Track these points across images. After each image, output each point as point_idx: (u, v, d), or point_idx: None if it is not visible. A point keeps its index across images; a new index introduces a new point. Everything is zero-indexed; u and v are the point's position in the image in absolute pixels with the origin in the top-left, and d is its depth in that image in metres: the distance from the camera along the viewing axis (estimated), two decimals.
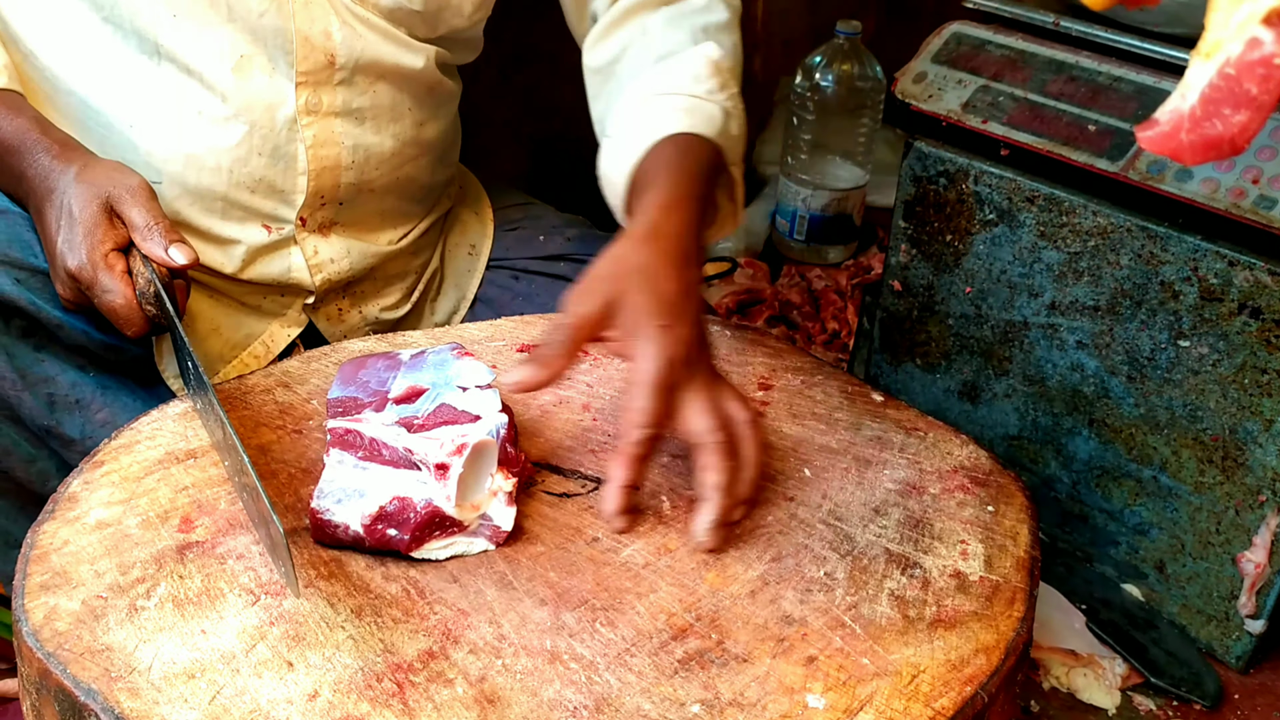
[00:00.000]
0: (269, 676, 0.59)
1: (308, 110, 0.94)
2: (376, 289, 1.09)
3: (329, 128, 0.96)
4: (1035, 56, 1.08)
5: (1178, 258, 0.98)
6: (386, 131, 1.00)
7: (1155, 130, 0.36)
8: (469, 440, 0.69)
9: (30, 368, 0.89)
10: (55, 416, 0.90)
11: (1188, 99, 0.35)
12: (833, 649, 0.64)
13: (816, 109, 1.71)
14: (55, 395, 0.90)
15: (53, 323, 0.88)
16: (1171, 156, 0.36)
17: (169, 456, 0.75)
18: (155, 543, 0.68)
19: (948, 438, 0.85)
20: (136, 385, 0.95)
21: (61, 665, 0.59)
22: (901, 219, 1.17)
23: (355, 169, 0.99)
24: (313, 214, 0.99)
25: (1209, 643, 1.07)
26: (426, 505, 0.67)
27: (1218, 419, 0.99)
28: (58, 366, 0.90)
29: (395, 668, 0.60)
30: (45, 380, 0.89)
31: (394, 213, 1.07)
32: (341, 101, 0.96)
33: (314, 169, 0.96)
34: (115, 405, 0.92)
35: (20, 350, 0.88)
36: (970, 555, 0.73)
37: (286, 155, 0.95)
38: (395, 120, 1.00)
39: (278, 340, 1.04)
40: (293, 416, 0.81)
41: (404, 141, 1.02)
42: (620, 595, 0.66)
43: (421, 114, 1.03)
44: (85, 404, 0.91)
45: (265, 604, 0.64)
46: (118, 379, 0.94)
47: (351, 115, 0.97)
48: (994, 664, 0.64)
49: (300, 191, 0.97)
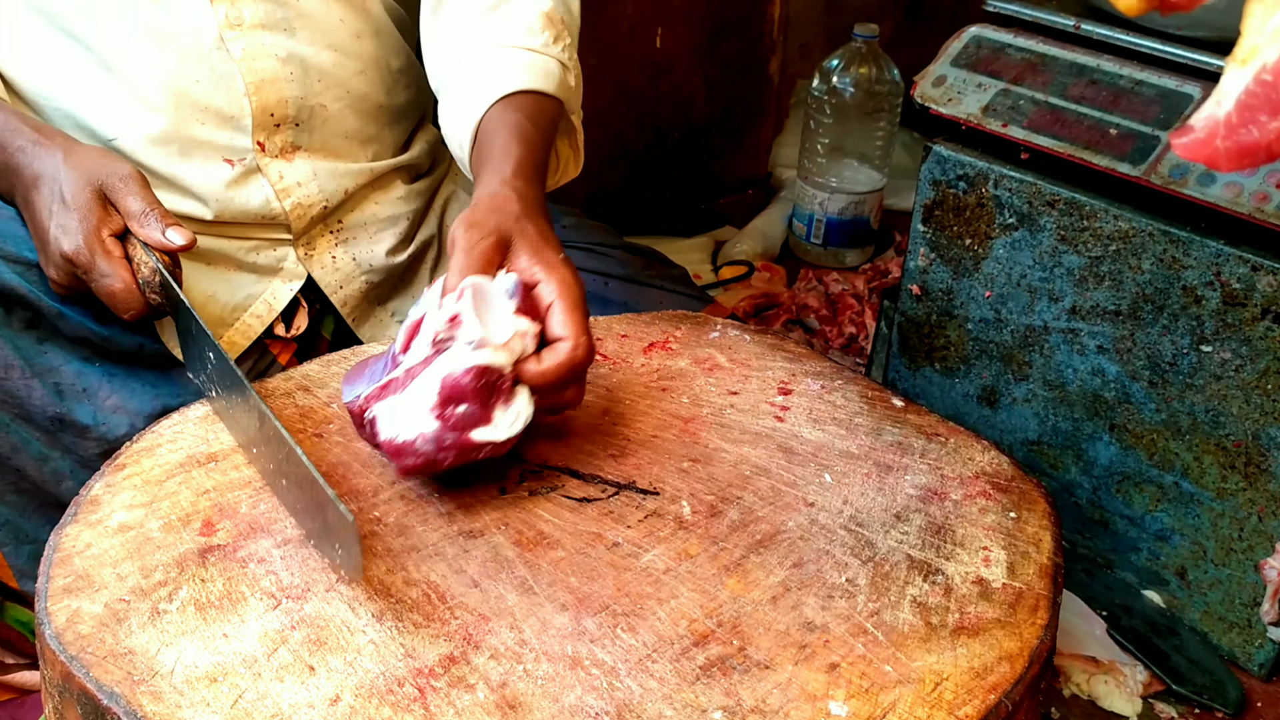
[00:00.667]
0: (290, 681, 0.59)
1: (230, 24, 0.96)
2: (367, 232, 1.09)
3: (257, 40, 0.97)
4: (1056, 60, 1.08)
5: (1200, 262, 0.97)
6: (321, 43, 1.01)
7: (1190, 137, 0.36)
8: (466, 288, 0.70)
9: (35, 359, 0.90)
10: (65, 405, 0.91)
11: (1223, 105, 0.35)
12: (855, 656, 0.63)
13: (834, 112, 1.71)
14: (62, 384, 0.91)
15: (53, 314, 0.90)
16: (1207, 164, 0.35)
17: (190, 460, 0.76)
18: (177, 546, 0.68)
19: (969, 443, 0.85)
20: (144, 370, 0.96)
21: (84, 668, 0.59)
22: (920, 223, 1.17)
23: (297, 83, 0.99)
24: (269, 138, 1.00)
25: (1231, 650, 1.06)
26: (467, 369, 0.68)
27: (1240, 424, 0.99)
28: (61, 357, 0.91)
29: (416, 672, 0.60)
30: (50, 370, 0.91)
31: (358, 135, 1.07)
32: (264, 13, 0.97)
33: (251, 83, 0.97)
34: (124, 391, 0.93)
35: (24, 342, 0.90)
36: (993, 562, 0.72)
37: (224, 76, 0.96)
38: (327, 32, 1.01)
39: (279, 296, 1.04)
40: (313, 420, 0.81)
41: (344, 54, 1.02)
42: (641, 601, 0.66)
43: (356, 24, 1.03)
44: (93, 392, 0.92)
45: (286, 608, 0.64)
46: (123, 367, 0.95)
47: (278, 27, 0.98)
48: (1018, 672, 0.63)
49: (247, 114, 0.98)
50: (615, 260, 1.17)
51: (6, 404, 0.89)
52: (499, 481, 0.76)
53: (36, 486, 0.90)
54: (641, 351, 0.94)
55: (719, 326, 0.99)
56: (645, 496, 0.76)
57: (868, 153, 1.75)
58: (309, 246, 1.04)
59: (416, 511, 0.72)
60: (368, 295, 1.09)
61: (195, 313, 0.82)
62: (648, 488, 0.77)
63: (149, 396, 0.95)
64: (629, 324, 0.99)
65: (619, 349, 0.95)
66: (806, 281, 1.72)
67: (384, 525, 0.71)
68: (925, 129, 1.15)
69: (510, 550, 0.70)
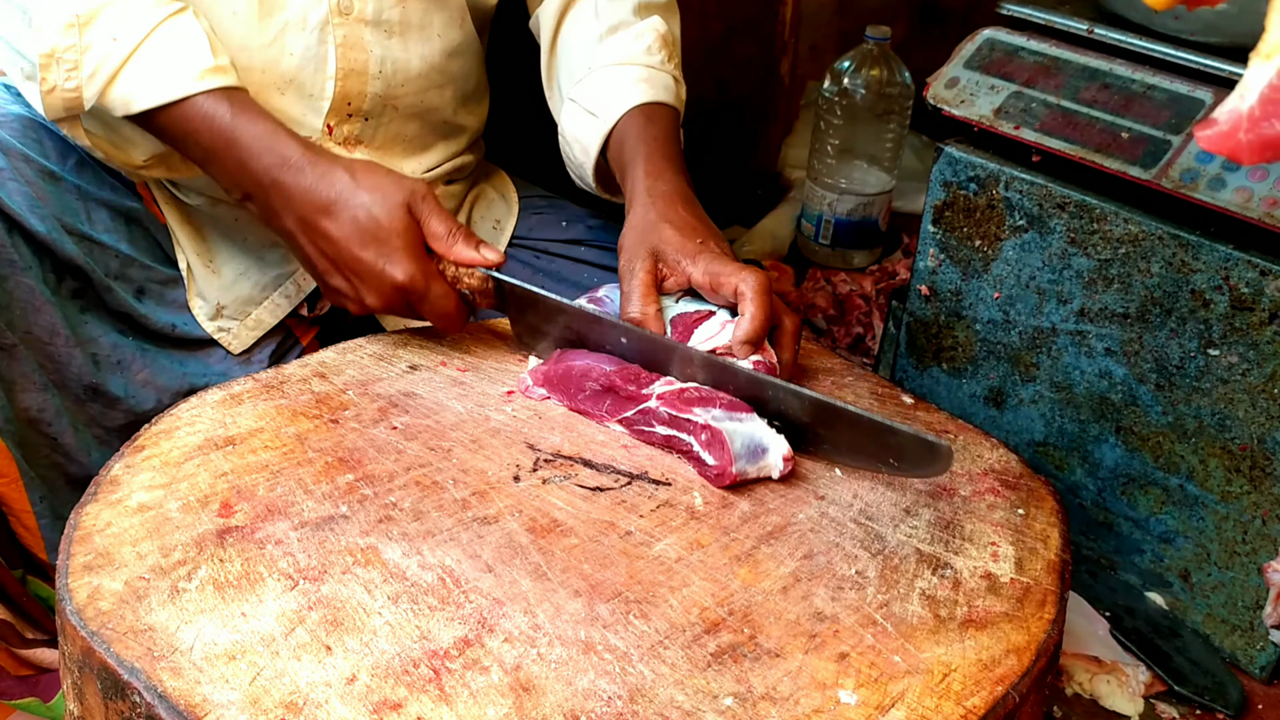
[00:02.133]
0: (308, 660, 0.60)
1: (340, 11, 0.97)
2: None
3: (358, 33, 0.99)
4: (1069, 63, 1.09)
5: (1209, 266, 0.98)
6: (414, 51, 1.03)
7: (1214, 130, 0.37)
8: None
9: (78, 327, 0.93)
10: (100, 375, 0.93)
11: (1246, 99, 0.36)
12: (864, 646, 0.64)
13: (845, 114, 1.72)
14: (99, 355, 0.94)
15: (101, 286, 0.92)
16: (1229, 156, 0.36)
17: (208, 443, 0.76)
18: (195, 526, 0.69)
19: (978, 441, 0.85)
20: (174, 350, 0.98)
21: (105, 644, 0.60)
22: (931, 224, 1.17)
23: (382, 80, 1.01)
24: (339, 124, 1.02)
25: (1233, 652, 1.07)
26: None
27: (1246, 428, 0.99)
28: (100, 328, 0.94)
29: (431, 654, 0.61)
30: (90, 340, 0.94)
31: (417, 140, 1.09)
32: (373, 10, 0.99)
33: (341, 69, 0.99)
34: (154, 367, 0.96)
35: (70, 310, 0.93)
36: (1001, 557, 0.73)
37: (316, 57, 0.98)
38: (424, 42, 1.04)
39: (307, 279, 1.06)
40: (329, 406, 0.82)
41: (430, 65, 1.05)
42: (653, 588, 0.67)
43: (449, 42, 1.06)
44: (126, 364, 0.95)
45: (303, 589, 0.65)
46: (155, 343, 0.97)
47: (381, 26, 1.00)
48: (1025, 665, 0.64)
49: (326, 97, 0.99)
50: None
51: (47, 369, 0.91)
52: (513, 470, 0.77)
53: (68, 458, 0.92)
54: None
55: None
56: (657, 487, 0.77)
57: (877, 155, 1.75)
58: None
59: (432, 497, 0.73)
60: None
61: (538, 289, 0.88)
62: (660, 478, 0.77)
63: (177, 374, 0.97)
64: None
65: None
66: (814, 282, 1.72)
67: (400, 510, 0.72)
68: (935, 132, 1.16)
69: (524, 537, 0.70)
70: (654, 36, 1.07)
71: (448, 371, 0.89)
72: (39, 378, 0.91)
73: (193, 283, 1.01)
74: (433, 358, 0.91)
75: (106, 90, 0.85)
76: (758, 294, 0.84)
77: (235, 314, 1.03)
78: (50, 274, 0.93)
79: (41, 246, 0.92)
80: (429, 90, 1.06)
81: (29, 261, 0.91)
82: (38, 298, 0.91)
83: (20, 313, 0.90)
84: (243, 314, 1.03)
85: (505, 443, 0.80)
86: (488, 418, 0.83)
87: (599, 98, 1.03)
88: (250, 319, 1.03)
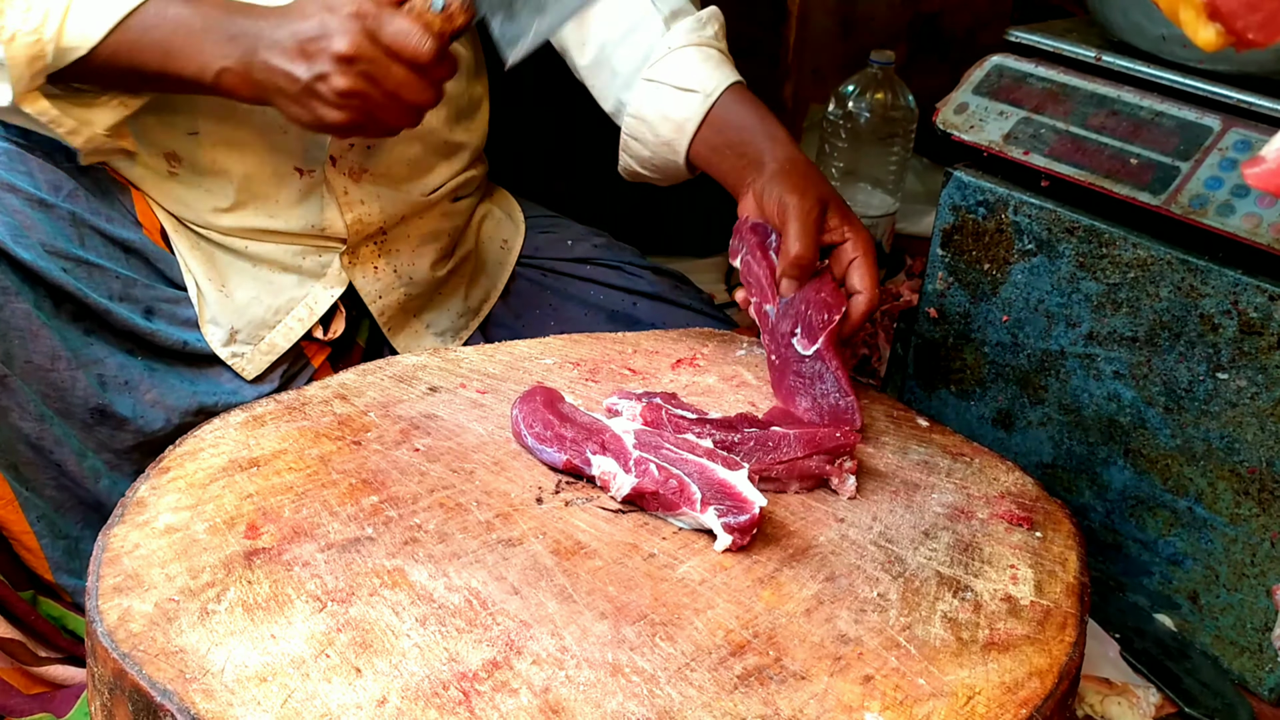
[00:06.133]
0: (338, 682, 0.60)
1: None
2: (410, 245, 1.11)
3: None
4: (1077, 90, 1.10)
5: (1218, 291, 0.99)
6: None
7: (1262, 167, 0.38)
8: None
9: (81, 349, 0.92)
10: (107, 396, 0.93)
11: None
12: (889, 668, 0.65)
13: (849, 137, 1.73)
14: (105, 376, 0.94)
15: (100, 309, 0.92)
16: (1276, 193, 0.37)
17: (232, 464, 0.77)
18: (223, 548, 0.69)
19: (994, 464, 0.86)
20: (183, 367, 0.98)
21: (137, 666, 0.60)
22: (940, 247, 1.19)
23: None
24: (343, 155, 1.02)
25: (1242, 674, 1.07)
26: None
27: (1255, 451, 1.00)
28: (106, 349, 0.94)
29: (461, 676, 0.61)
30: (95, 362, 0.93)
31: (420, 163, 1.10)
32: None
33: None
34: (163, 386, 0.96)
35: (71, 333, 0.92)
36: (1020, 580, 0.73)
37: None
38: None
39: (320, 302, 1.06)
40: (351, 428, 0.83)
41: None
42: (678, 610, 0.68)
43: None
44: (134, 385, 0.94)
45: (332, 610, 0.65)
46: (164, 362, 0.97)
47: None
48: (1048, 687, 0.65)
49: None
50: (645, 280, 1.20)
51: (50, 397, 0.91)
52: (536, 491, 0.78)
53: (75, 483, 0.92)
54: (670, 367, 0.96)
55: (746, 344, 1.01)
56: None
57: (881, 177, 1.77)
58: (353, 255, 1.07)
59: (456, 519, 0.74)
60: (405, 306, 1.11)
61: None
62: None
63: (187, 393, 0.97)
64: (657, 340, 1.00)
65: (648, 364, 0.96)
66: None
67: (425, 532, 0.72)
68: (939, 155, 1.17)
69: (549, 559, 0.71)
70: (717, 25, 1.10)
71: (467, 394, 0.89)
72: (35, 407, 0.91)
73: (204, 307, 1.01)
74: (452, 380, 0.91)
75: (63, 24, 0.84)
76: (870, 264, 0.92)
77: (249, 338, 1.03)
78: (45, 299, 0.93)
79: (29, 273, 0.91)
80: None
81: (19, 288, 0.90)
82: (34, 323, 0.91)
83: (18, 341, 0.90)
84: (256, 338, 1.04)
85: (526, 465, 0.81)
86: (508, 440, 0.83)
87: (691, 74, 1.04)
88: (264, 343, 1.04)
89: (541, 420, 0.80)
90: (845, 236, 0.94)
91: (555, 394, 0.84)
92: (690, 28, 1.08)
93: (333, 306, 1.07)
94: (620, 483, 0.76)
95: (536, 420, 0.81)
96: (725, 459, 0.76)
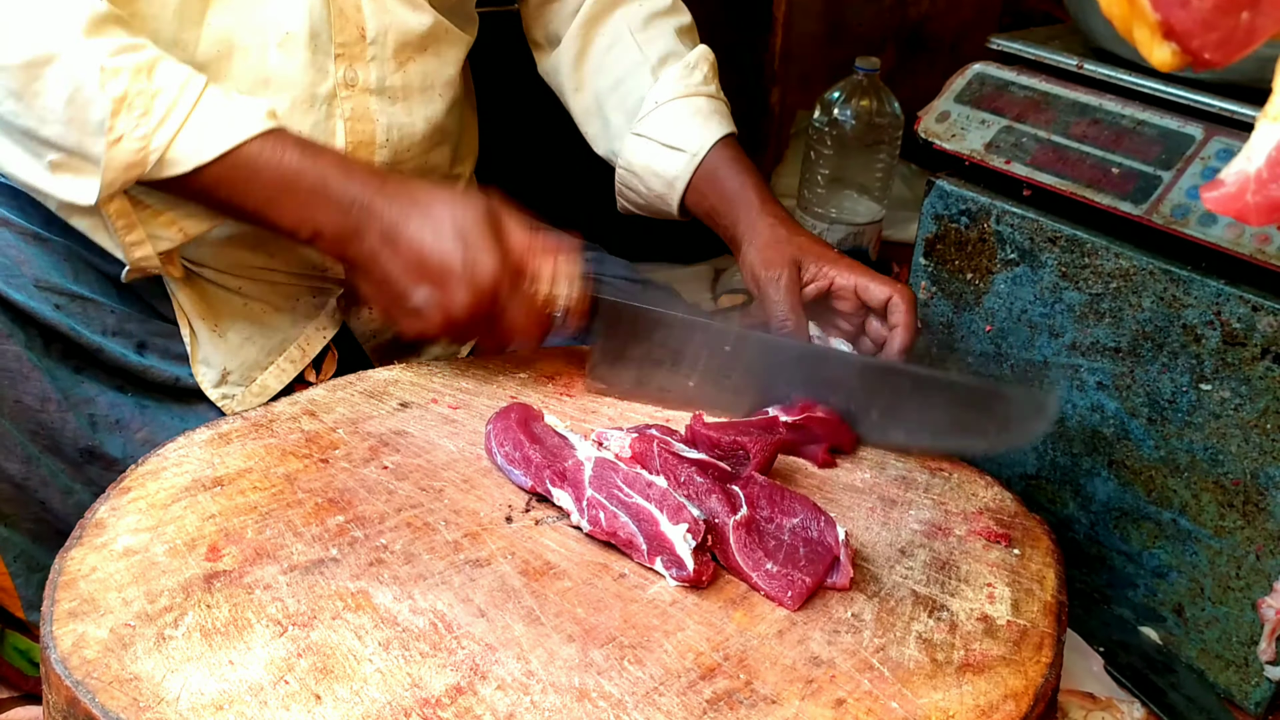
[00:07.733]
0: (297, 709, 0.59)
1: (346, 84, 0.96)
2: None
3: (364, 103, 0.98)
4: (1059, 99, 1.09)
5: (1200, 301, 0.98)
6: (419, 114, 1.02)
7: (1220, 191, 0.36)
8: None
9: (72, 389, 0.90)
10: (97, 437, 0.91)
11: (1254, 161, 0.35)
12: (861, 691, 0.63)
13: (834, 143, 1.72)
14: (96, 415, 0.92)
15: (92, 346, 0.90)
16: (1236, 217, 0.36)
17: (195, 484, 0.75)
18: (182, 571, 0.67)
19: (972, 479, 0.85)
20: (173, 404, 0.97)
21: (90, 694, 0.59)
22: (922, 256, 1.18)
23: (389, 148, 1.01)
24: None
25: (1228, 688, 1.06)
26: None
27: (1239, 463, 0.99)
28: (97, 388, 0.92)
29: (423, 703, 0.60)
30: (86, 401, 0.91)
31: None
32: (375, 78, 0.98)
33: (350, 143, 0.98)
34: (154, 425, 0.94)
35: (61, 372, 0.90)
36: (997, 599, 0.72)
37: (325, 131, 0.96)
38: (427, 103, 1.03)
39: (313, 343, 1.04)
40: (319, 445, 0.81)
41: (434, 126, 1.04)
42: (648, 633, 0.66)
43: (450, 96, 1.06)
44: (125, 424, 0.93)
45: (293, 635, 0.64)
46: (155, 399, 0.96)
47: (385, 93, 0.99)
48: (1023, 710, 0.63)
49: None
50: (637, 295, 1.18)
51: (39, 436, 0.89)
52: (505, 510, 0.76)
53: (58, 518, 0.90)
54: None
55: None
56: None
57: (867, 184, 1.76)
58: (350, 296, 1.05)
59: (424, 539, 0.72)
60: (397, 343, 1.10)
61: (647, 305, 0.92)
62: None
63: (177, 430, 0.94)
64: None
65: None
66: None
67: (391, 552, 0.71)
68: (925, 161, 1.16)
69: (517, 580, 0.69)
70: (707, 66, 1.11)
71: (439, 409, 0.88)
72: (22, 449, 0.89)
73: (196, 348, 0.99)
74: (424, 395, 0.90)
75: (175, 138, 0.81)
76: (911, 307, 0.95)
77: (240, 380, 1.01)
78: (36, 339, 0.90)
79: (20, 314, 0.89)
80: (432, 150, 1.06)
81: (10, 329, 0.88)
82: (25, 365, 0.89)
83: (8, 382, 0.88)
84: (248, 379, 1.01)
85: (497, 482, 0.79)
86: (479, 456, 0.82)
87: (676, 132, 1.07)
88: (255, 384, 1.02)
89: (512, 440, 0.79)
90: (829, 279, 0.98)
91: (532, 412, 0.83)
92: (678, 75, 1.09)
93: (325, 348, 1.06)
94: (576, 519, 0.75)
95: (508, 439, 0.79)
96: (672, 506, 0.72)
